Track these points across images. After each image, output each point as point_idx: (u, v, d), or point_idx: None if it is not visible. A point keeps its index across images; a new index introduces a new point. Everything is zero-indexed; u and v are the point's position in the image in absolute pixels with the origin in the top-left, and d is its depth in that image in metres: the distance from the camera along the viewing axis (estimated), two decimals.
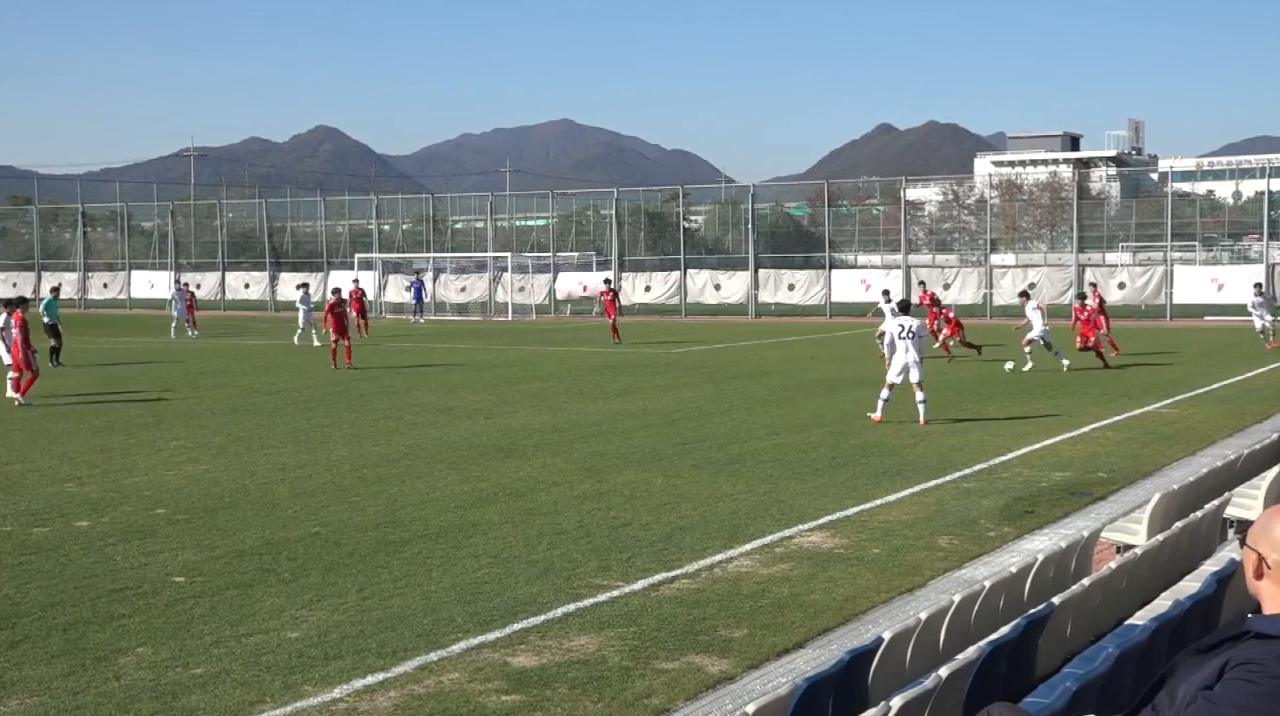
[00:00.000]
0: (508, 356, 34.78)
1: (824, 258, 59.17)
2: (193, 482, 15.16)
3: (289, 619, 9.39)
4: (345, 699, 7.75)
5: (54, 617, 9.44)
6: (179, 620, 9.38)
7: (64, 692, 7.85)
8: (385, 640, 8.84)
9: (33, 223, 78.31)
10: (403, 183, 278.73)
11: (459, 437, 18.73)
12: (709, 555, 11.32)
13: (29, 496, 14.33)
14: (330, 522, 12.80)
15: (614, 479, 15.13)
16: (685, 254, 61.57)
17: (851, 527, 12.48)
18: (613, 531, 12.30)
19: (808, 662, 8.28)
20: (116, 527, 12.63)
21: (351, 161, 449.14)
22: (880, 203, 76.40)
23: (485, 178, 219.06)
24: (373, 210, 71.13)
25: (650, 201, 72.26)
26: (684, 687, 7.90)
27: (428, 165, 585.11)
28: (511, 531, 12.35)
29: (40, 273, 74.73)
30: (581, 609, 9.62)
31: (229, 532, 12.37)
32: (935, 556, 11.30)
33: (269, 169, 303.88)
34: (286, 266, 70.09)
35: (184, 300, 46.02)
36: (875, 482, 14.77)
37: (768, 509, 13.34)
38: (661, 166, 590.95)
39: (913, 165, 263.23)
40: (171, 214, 75.15)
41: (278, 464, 16.49)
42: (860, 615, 9.50)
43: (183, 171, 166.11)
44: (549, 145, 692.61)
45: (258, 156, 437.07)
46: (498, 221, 69.39)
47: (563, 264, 64.66)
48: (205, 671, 8.22)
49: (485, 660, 8.44)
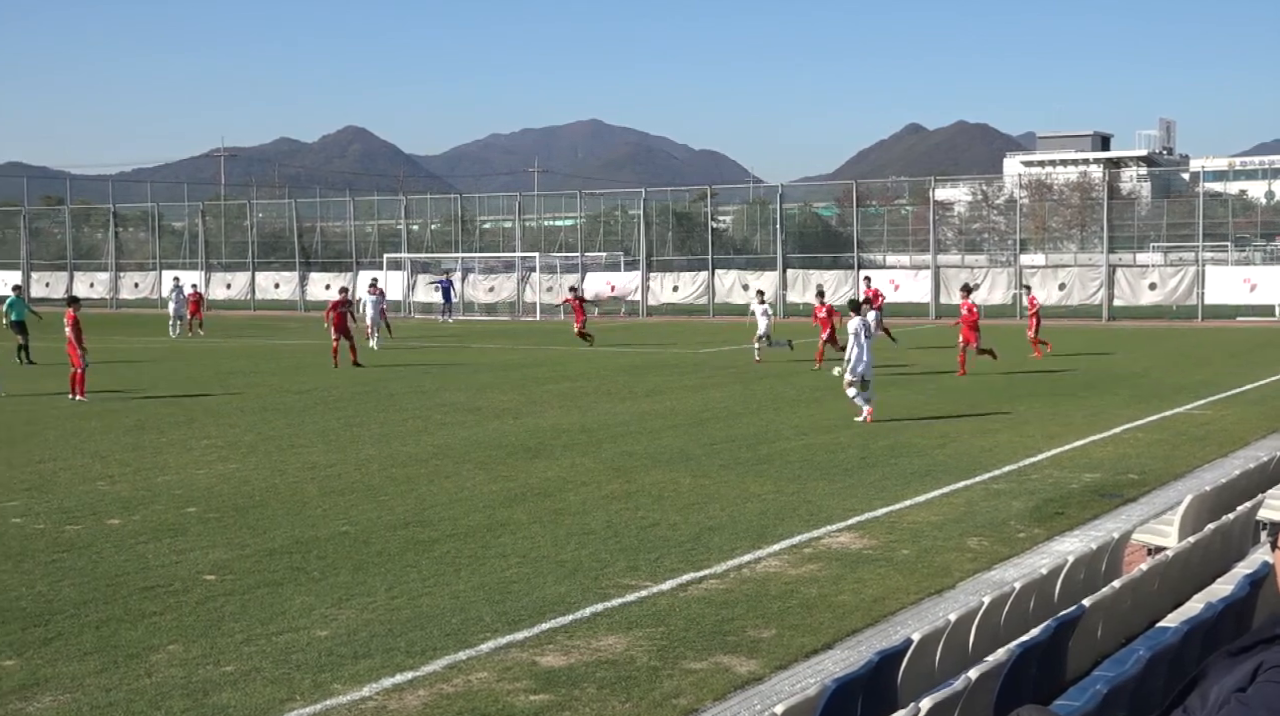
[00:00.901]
0: (536, 356, 34.83)
1: (852, 258, 59.00)
2: (223, 481, 15.24)
3: (319, 617, 9.43)
4: (374, 697, 7.78)
5: (86, 615, 9.52)
6: (210, 618, 9.44)
7: (96, 689, 7.90)
8: (414, 639, 8.87)
9: (65, 223, 78.87)
10: (431, 183, 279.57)
11: (487, 437, 18.77)
12: (737, 555, 11.31)
13: (62, 494, 14.44)
14: (359, 521, 12.86)
15: (642, 479, 15.14)
16: (713, 254, 61.49)
17: (880, 528, 12.45)
18: (641, 531, 12.31)
19: (836, 664, 8.27)
20: (148, 525, 12.71)
21: (380, 162, 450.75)
22: (909, 203, 76.05)
23: (513, 178, 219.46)
24: (401, 210, 71.33)
25: (678, 201, 72.23)
26: (712, 688, 7.90)
27: (456, 165, 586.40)
28: (540, 531, 12.37)
29: (72, 272, 75.28)
30: (610, 609, 9.63)
31: (259, 531, 12.44)
32: (965, 558, 11.27)
33: (299, 169, 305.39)
34: (316, 266, 70.36)
35: (183, 300, 46.16)
36: (904, 483, 14.73)
37: (796, 509, 13.33)
38: (690, 166, 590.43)
39: (941, 165, 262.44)
40: (202, 214, 75.54)
41: (307, 463, 16.57)
42: (889, 616, 9.47)
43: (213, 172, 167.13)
44: (577, 145, 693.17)
45: (287, 157, 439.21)
46: (526, 221, 69.47)
47: (591, 264, 64.68)
48: (236, 669, 8.27)
49: (513, 659, 8.46)
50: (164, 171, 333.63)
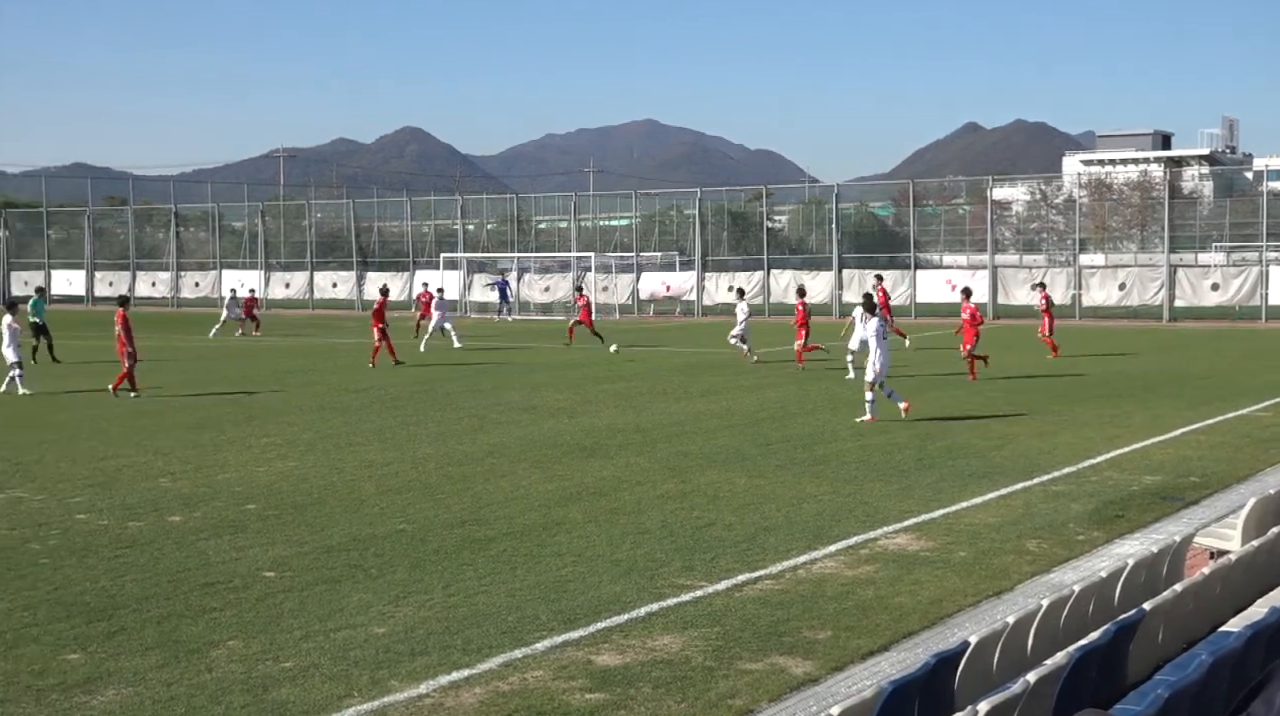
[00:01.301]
0: (591, 356, 34.88)
1: (909, 258, 58.68)
2: (282, 479, 15.39)
3: (376, 614, 9.51)
4: (431, 694, 7.83)
5: (149, 610, 9.64)
6: (269, 614, 9.54)
7: (159, 683, 8.01)
8: (470, 637, 8.92)
9: (128, 223, 79.91)
10: (487, 183, 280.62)
11: (543, 436, 18.83)
12: (793, 556, 11.29)
13: (124, 491, 14.64)
14: (416, 520, 12.94)
15: (697, 479, 15.13)
16: (769, 254, 61.34)
17: (937, 530, 12.37)
18: (696, 531, 12.31)
19: (893, 665, 8.23)
20: (208, 522, 12.87)
21: (437, 162, 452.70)
22: (966, 202, 75.54)
23: (569, 178, 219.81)
24: (458, 210, 71.68)
25: (734, 201, 72.11)
26: (767, 689, 7.89)
27: (512, 165, 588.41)
28: (595, 530, 12.40)
29: (135, 272, 76.25)
30: (665, 608, 9.64)
31: (317, 528, 12.55)
32: (1023, 560, 11.18)
33: (356, 169, 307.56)
34: (373, 266, 70.85)
35: (235, 306, 46.62)
36: (961, 485, 14.63)
37: (852, 510, 13.28)
38: (745, 166, 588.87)
39: (999, 164, 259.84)
40: (261, 214, 76.28)
41: (365, 461, 16.70)
42: (946, 618, 9.42)
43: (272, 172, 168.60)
44: (633, 145, 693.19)
45: (345, 157, 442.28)
46: (581, 221, 69.60)
47: (646, 264, 64.70)
48: (295, 665, 8.35)
49: (569, 658, 8.48)
50: (224, 172, 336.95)
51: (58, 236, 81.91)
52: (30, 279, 78.58)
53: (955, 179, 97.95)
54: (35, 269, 79.14)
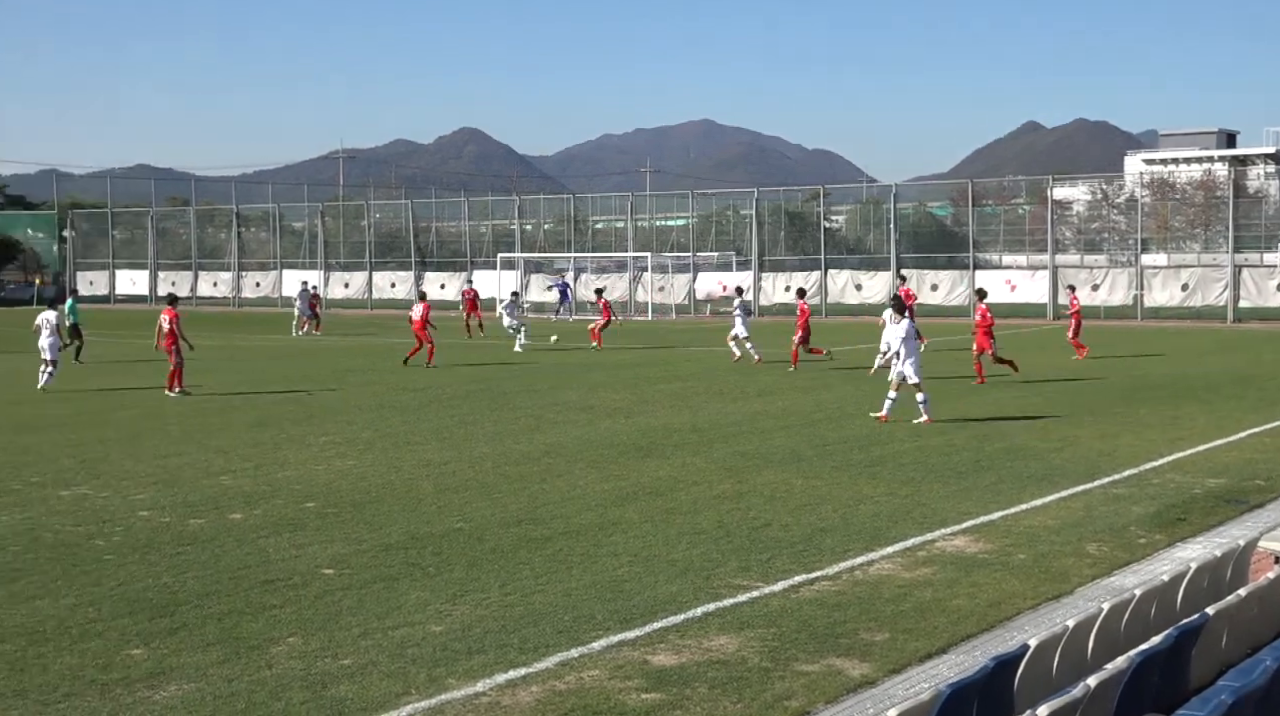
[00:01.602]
0: (647, 356, 34.93)
1: (968, 258, 58.28)
2: (341, 477, 15.52)
3: (433, 612, 9.56)
4: (488, 693, 7.86)
5: (210, 606, 9.75)
6: (328, 611, 9.62)
7: (219, 680, 8.10)
8: (527, 636, 8.95)
9: (190, 223, 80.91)
10: (545, 183, 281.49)
11: (599, 436, 18.86)
12: (850, 557, 11.24)
13: (186, 489, 14.82)
14: (473, 518, 13.00)
15: (754, 479, 15.11)
16: (826, 254, 61.13)
17: (996, 532, 12.28)
18: (752, 532, 12.28)
19: (951, 668, 8.17)
20: (268, 520, 12.99)
21: (495, 162, 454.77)
22: (1026, 202, 74.89)
23: (626, 178, 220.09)
24: (515, 210, 71.98)
25: (791, 201, 71.92)
26: (824, 690, 7.86)
27: (569, 166, 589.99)
28: (651, 530, 12.41)
29: (197, 272, 77.19)
30: (721, 609, 9.62)
31: (376, 526, 12.64)
32: (1083, 563, 11.07)
33: (415, 170, 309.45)
34: (431, 266, 71.34)
35: (305, 300, 47.17)
36: (1021, 487, 14.51)
37: (910, 512, 13.20)
38: (803, 166, 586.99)
39: (1060, 163, 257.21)
40: (321, 214, 77.00)
41: (422, 460, 16.80)
42: (1005, 621, 9.34)
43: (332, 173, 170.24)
44: (689, 145, 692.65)
45: (404, 158, 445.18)
46: (638, 221, 69.69)
47: (702, 264, 64.71)
48: (353, 662, 8.41)
49: (625, 658, 8.49)
50: (285, 173, 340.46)
51: (122, 237, 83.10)
52: (95, 279, 79.92)
53: (1015, 178, 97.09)
54: (100, 269, 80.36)
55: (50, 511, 13.55)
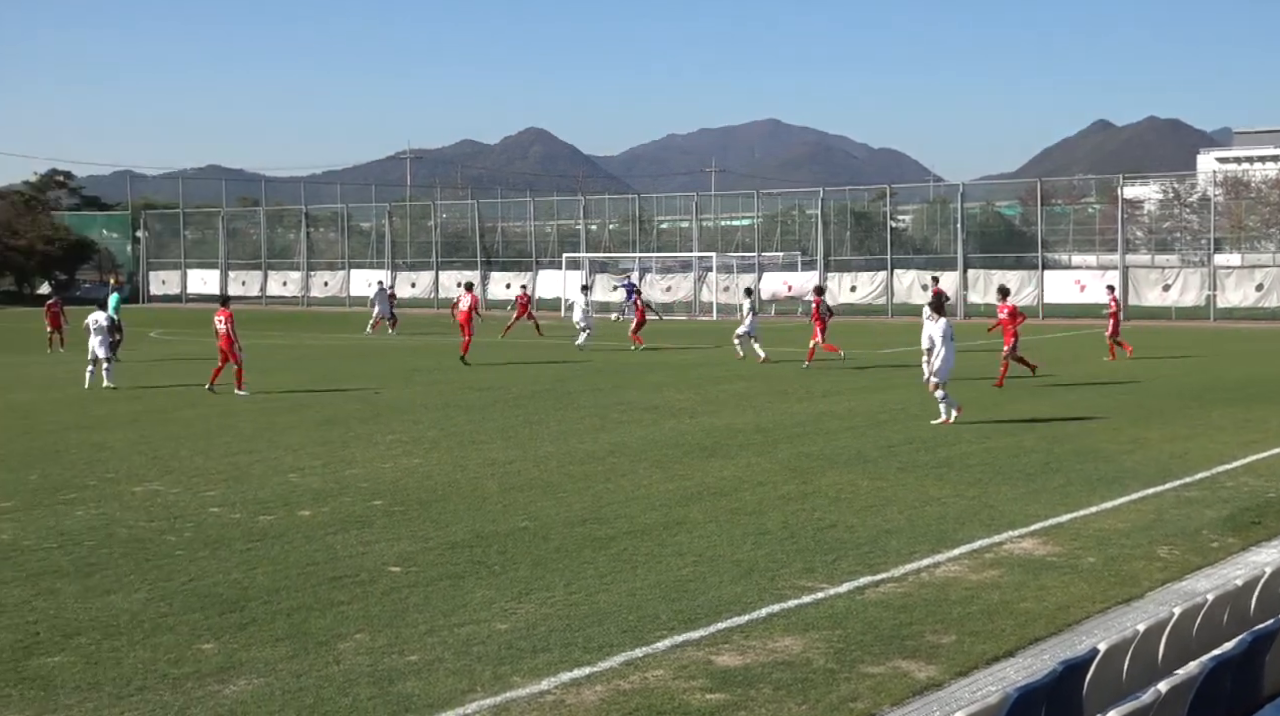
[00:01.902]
0: (712, 356, 34.88)
1: (1036, 258, 57.70)
2: (407, 475, 15.64)
3: (499, 611, 9.61)
4: (553, 691, 7.89)
5: (279, 602, 9.87)
6: (394, 608, 9.70)
7: (288, 674, 8.19)
8: (591, 635, 8.97)
9: (260, 223, 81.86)
10: (610, 183, 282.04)
11: (664, 436, 18.87)
12: (916, 559, 11.16)
13: (256, 485, 15.00)
14: (538, 517, 13.05)
15: (819, 480, 15.05)
16: (892, 253, 60.77)
17: (1065, 535, 12.14)
18: (817, 533, 12.24)
19: (1018, 672, 8.10)
20: (336, 517, 13.12)
21: (560, 162, 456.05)
22: (1096, 201, 74.01)
23: (691, 178, 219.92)
24: (580, 210, 72.16)
25: (857, 201, 71.50)
26: (890, 692, 7.81)
27: (634, 166, 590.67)
28: (716, 530, 12.40)
29: (267, 271, 78.08)
30: (786, 610, 9.59)
31: (441, 525, 12.73)
32: (1154, 567, 10.92)
33: (481, 170, 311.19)
34: (497, 266, 71.70)
35: (384, 300, 47.67)
36: (1090, 489, 14.34)
37: (977, 513, 13.09)
38: (869, 165, 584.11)
39: (1131, 162, 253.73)
40: (389, 214, 77.62)
41: (488, 459, 16.89)
42: (1074, 625, 9.24)
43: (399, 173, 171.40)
44: (755, 145, 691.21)
45: (470, 158, 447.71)
46: (703, 221, 69.61)
47: (767, 264, 64.53)
48: (420, 659, 8.48)
49: (690, 658, 8.49)
50: (353, 173, 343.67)
51: (193, 237, 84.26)
52: (167, 278, 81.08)
53: (1085, 178, 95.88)
54: (172, 268, 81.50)
55: (123, 507, 13.77)
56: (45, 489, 14.91)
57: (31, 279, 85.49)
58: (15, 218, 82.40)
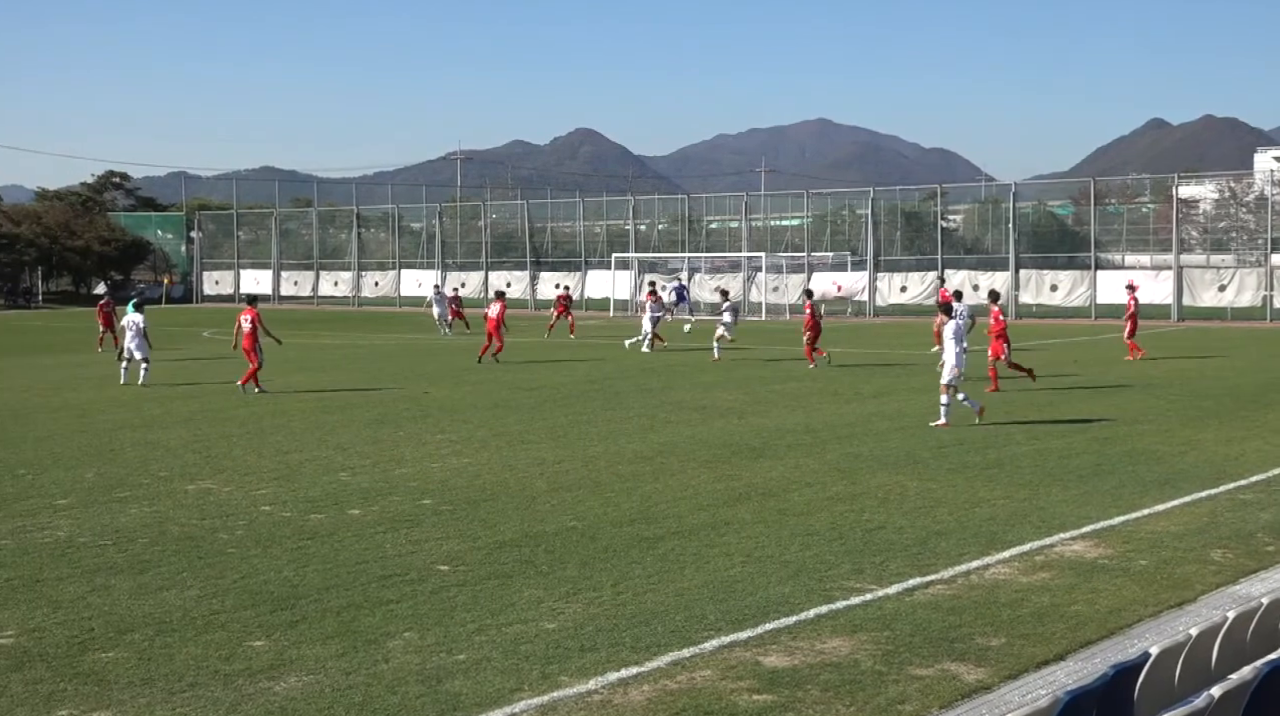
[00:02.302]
0: (761, 356, 34.81)
1: (1089, 257, 57.20)
2: (456, 475, 15.71)
3: (546, 610, 9.63)
4: (600, 691, 7.90)
5: (329, 600, 9.94)
6: (443, 607, 9.74)
7: (338, 672, 8.25)
8: (639, 635, 8.97)
9: (312, 224, 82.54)
10: (659, 183, 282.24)
11: (712, 436, 18.85)
12: (965, 561, 11.09)
13: (307, 484, 15.12)
14: (586, 517, 13.08)
15: (867, 481, 14.98)
16: (943, 254, 60.40)
17: (1116, 537, 12.03)
18: (866, 534, 12.19)
19: (1069, 675, 8.03)
20: (386, 516, 13.20)
21: (610, 163, 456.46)
22: (1150, 201, 73.21)
23: (740, 178, 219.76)
24: (630, 211, 72.23)
25: (907, 200, 71.13)
26: (939, 695, 7.77)
27: (683, 166, 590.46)
28: (764, 531, 12.37)
29: (319, 272, 78.72)
30: (834, 611, 9.56)
31: (490, 524, 12.77)
32: (1207, 570, 10.80)
33: (531, 171, 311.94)
34: (546, 266, 71.90)
35: (444, 303, 47.88)
36: (1142, 491, 14.20)
37: (1027, 516, 12.99)
38: (920, 165, 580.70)
39: (1186, 161, 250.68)
40: (439, 215, 78.05)
41: (536, 458, 16.93)
42: (1125, 628, 9.15)
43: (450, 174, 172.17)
44: (804, 145, 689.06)
45: (520, 159, 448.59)
46: (752, 221, 69.51)
47: (817, 264, 64.34)
48: (468, 658, 8.51)
49: (737, 658, 8.48)
50: (404, 174, 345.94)
51: (247, 237, 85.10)
52: (220, 278, 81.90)
53: (1139, 177, 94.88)
54: (226, 268, 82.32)
55: (176, 505, 13.92)
56: (100, 487, 15.09)
57: (88, 279, 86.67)
58: (73, 218, 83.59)
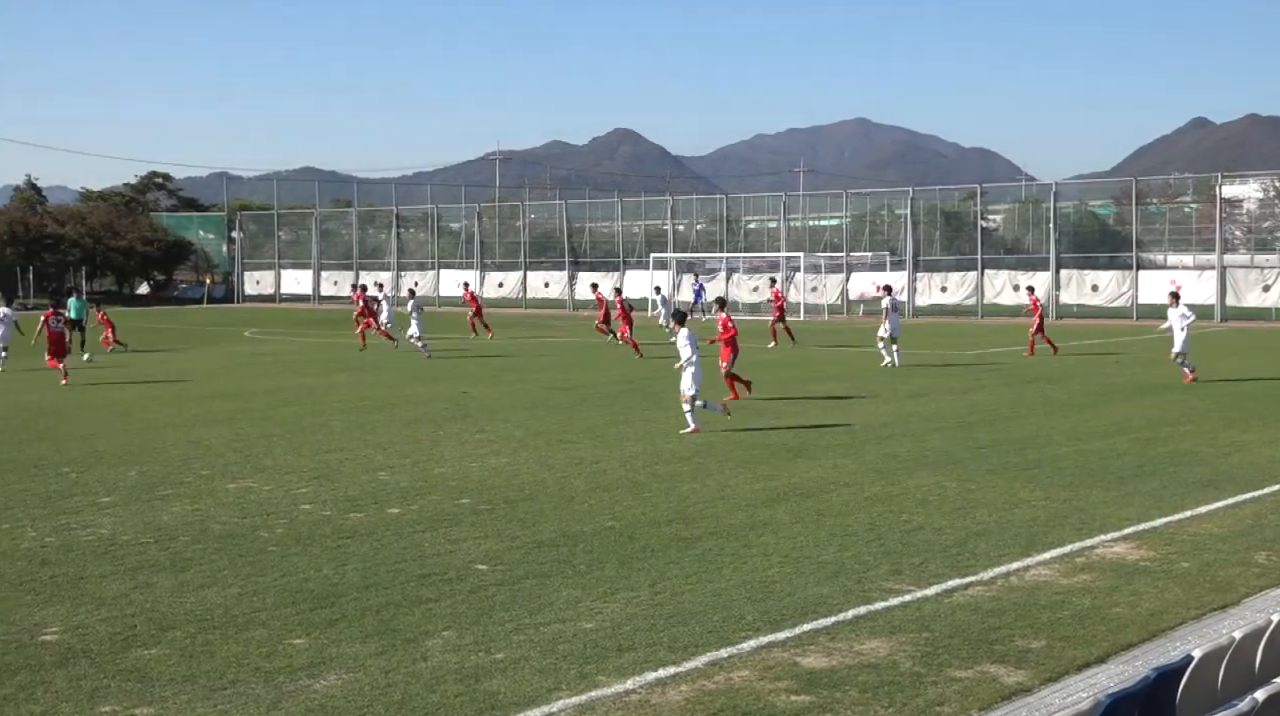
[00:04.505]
0: (798, 356, 34.74)
1: (1130, 257, 56.75)
2: (495, 474, 15.75)
3: (584, 610, 9.65)
4: (638, 691, 7.90)
5: (368, 599, 9.99)
6: (481, 606, 9.77)
7: (377, 671, 8.29)
8: (677, 635, 8.97)
9: (352, 224, 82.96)
10: (697, 183, 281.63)
11: (750, 436, 18.82)
12: (1005, 562, 11.03)
13: (346, 483, 15.19)
14: (624, 517, 13.08)
15: (906, 481, 14.92)
16: (983, 254, 60.09)
17: (1158, 539, 11.93)
18: (904, 535, 12.14)
19: (1110, 678, 7.97)
20: (425, 515, 13.25)
21: (648, 163, 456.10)
22: (1193, 200, 72.57)
23: (778, 178, 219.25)
24: (668, 211, 72.24)
25: (947, 200, 70.80)
26: (978, 697, 7.73)
27: (722, 166, 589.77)
28: (802, 531, 12.34)
29: (358, 271, 79.06)
30: (872, 612, 9.53)
31: (528, 523, 12.80)
32: (1250, 573, 10.69)
33: (569, 171, 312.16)
34: (584, 266, 72.00)
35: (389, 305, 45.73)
36: (1185, 493, 14.08)
37: (1068, 517, 12.91)
38: (959, 164, 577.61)
39: (1230, 160, 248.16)
40: (478, 215, 78.31)
41: (574, 458, 16.96)
42: (1167, 631, 9.07)
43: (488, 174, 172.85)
44: (843, 144, 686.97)
45: (558, 159, 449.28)
46: (790, 221, 69.36)
47: (856, 264, 64.14)
48: (506, 657, 8.53)
49: (775, 659, 8.46)
50: (443, 174, 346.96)
51: (287, 237, 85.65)
52: (261, 278, 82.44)
53: (1181, 176, 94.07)
54: (266, 268, 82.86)
55: (217, 503, 14.02)
56: (143, 485, 15.23)
57: (131, 279, 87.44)
58: (116, 219, 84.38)
